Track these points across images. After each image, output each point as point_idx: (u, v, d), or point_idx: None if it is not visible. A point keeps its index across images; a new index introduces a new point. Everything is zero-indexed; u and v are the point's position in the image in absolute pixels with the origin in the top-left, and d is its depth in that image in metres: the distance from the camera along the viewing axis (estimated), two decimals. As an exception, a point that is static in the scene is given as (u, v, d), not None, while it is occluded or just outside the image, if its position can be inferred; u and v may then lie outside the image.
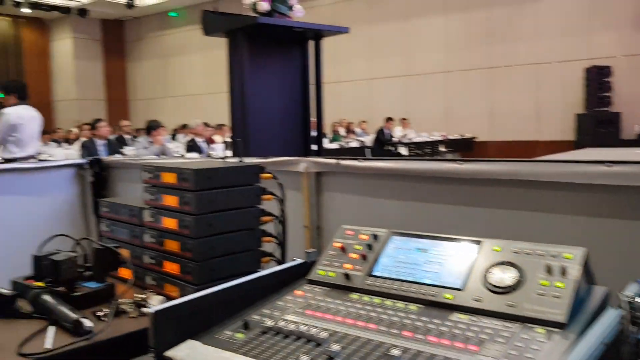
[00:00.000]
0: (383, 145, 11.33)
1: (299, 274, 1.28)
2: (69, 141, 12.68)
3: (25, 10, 17.21)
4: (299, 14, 3.80)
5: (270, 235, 1.60)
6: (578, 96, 12.74)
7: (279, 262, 1.63)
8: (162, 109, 20.29)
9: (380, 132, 11.50)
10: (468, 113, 14.22)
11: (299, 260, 1.32)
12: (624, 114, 12.15)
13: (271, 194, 1.60)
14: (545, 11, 13.12)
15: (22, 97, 5.68)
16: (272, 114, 3.61)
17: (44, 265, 1.45)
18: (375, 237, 1.30)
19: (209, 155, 7.85)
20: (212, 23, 3.50)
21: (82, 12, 17.67)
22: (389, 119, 11.88)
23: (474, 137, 13.66)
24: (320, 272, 1.25)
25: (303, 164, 2.31)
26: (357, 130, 13.06)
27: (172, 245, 1.49)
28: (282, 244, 1.62)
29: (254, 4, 3.58)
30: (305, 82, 3.78)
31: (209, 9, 3.66)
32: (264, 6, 3.56)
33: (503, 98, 13.79)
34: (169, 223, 1.49)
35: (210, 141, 8.84)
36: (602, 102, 12.19)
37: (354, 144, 11.11)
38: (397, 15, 15.10)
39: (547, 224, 1.70)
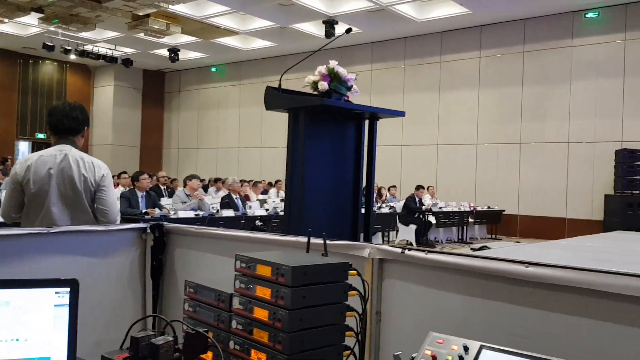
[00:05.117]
0: (413, 213, 11.36)
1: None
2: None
3: (72, 57, 18.00)
4: (355, 93, 3.97)
5: (351, 330, 1.66)
6: (608, 177, 12.74)
7: (356, 356, 1.68)
8: (195, 159, 20.75)
9: (410, 200, 11.56)
10: (497, 186, 14.27)
11: (389, 364, 1.38)
12: (655, 198, 12.11)
13: (355, 289, 1.67)
14: (578, 92, 13.33)
15: None
16: (325, 188, 3.73)
17: (141, 347, 1.52)
18: (465, 348, 1.36)
19: (244, 214, 7.99)
20: (275, 99, 3.67)
21: (126, 62, 18.42)
22: (420, 187, 11.96)
23: (502, 210, 13.63)
24: (413, 380, 1.31)
25: (367, 249, 2.38)
26: (387, 195, 13.15)
27: (262, 335, 1.56)
28: (361, 342, 1.68)
29: (315, 83, 3.76)
30: (358, 158, 3.91)
31: (269, 85, 3.83)
32: (325, 86, 3.73)
33: (532, 174, 13.84)
34: (260, 314, 1.57)
35: (246, 198, 9.00)
36: (632, 185, 12.16)
37: (384, 210, 11.17)
38: (431, 85, 15.45)
39: (614, 334, 1.72)
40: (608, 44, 12.97)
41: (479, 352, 1.34)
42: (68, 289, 1.42)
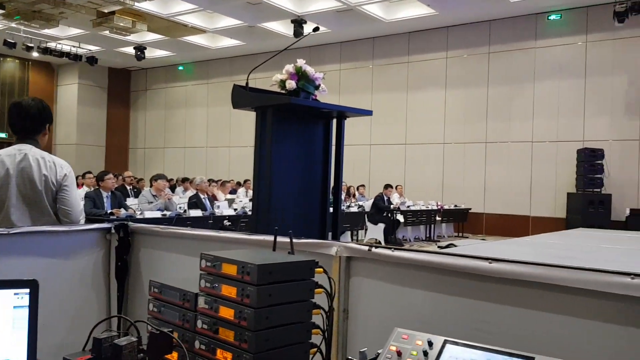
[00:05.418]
0: (381, 212, 11.44)
1: (354, 374, 1.35)
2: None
3: (35, 54, 17.55)
4: (323, 92, 3.97)
5: (318, 327, 1.66)
6: (570, 176, 13.05)
7: (322, 354, 1.69)
8: (162, 158, 20.47)
9: (378, 199, 11.64)
10: (463, 184, 14.48)
11: (354, 361, 1.38)
12: (614, 196, 12.43)
13: (322, 287, 1.67)
14: (542, 93, 13.62)
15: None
16: (294, 187, 3.72)
17: (104, 348, 1.50)
18: (430, 343, 1.37)
19: (212, 214, 7.92)
20: (242, 98, 3.64)
21: (91, 60, 18.05)
22: (388, 186, 12.05)
23: (469, 209, 13.84)
24: (378, 376, 1.32)
25: (334, 247, 2.38)
26: (356, 194, 13.21)
27: (227, 334, 1.55)
28: (327, 339, 1.68)
29: (283, 82, 3.74)
30: (326, 158, 3.91)
31: (237, 84, 3.80)
32: (292, 85, 3.73)
33: (497, 172, 14.10)
34: (226, 313, 1.56)
35: (214, 198, 8.93)
36: (594, 183, 12.48)
37: (353, 209, 11.21)
38: (399, 85, 15.58)
39: (576, 328, 1.77)
40: (570, 45, 13.29)
41: (443, 347, 1.36)
42: (27, 290, 1.38)
